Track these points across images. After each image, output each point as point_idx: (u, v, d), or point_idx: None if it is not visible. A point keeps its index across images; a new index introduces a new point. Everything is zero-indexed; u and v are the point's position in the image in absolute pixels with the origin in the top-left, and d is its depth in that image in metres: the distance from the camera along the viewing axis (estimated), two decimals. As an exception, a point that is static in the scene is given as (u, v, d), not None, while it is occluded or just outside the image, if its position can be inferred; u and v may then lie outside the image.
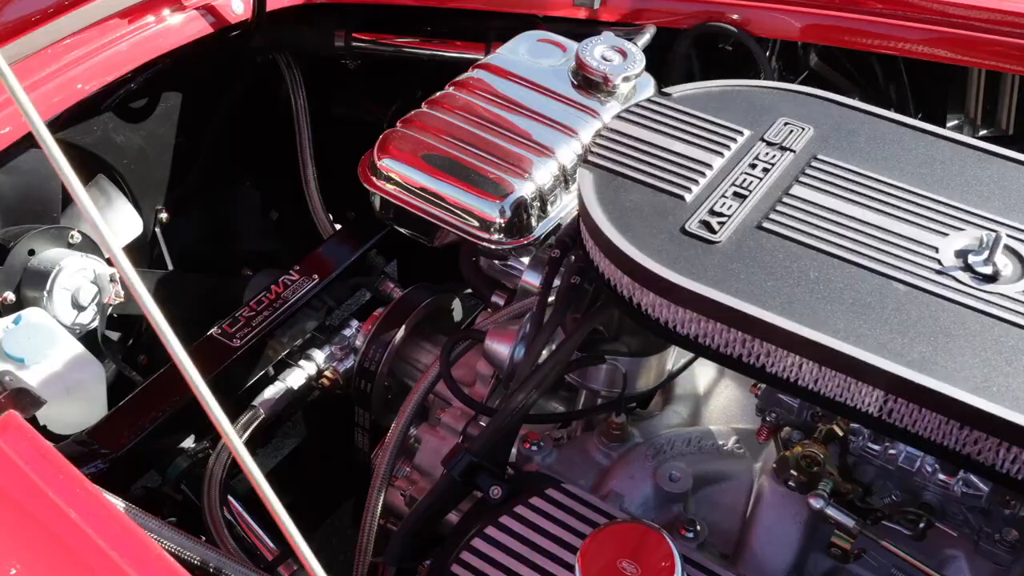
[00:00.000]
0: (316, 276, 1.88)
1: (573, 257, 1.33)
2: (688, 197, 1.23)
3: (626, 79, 1.55)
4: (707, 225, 1.19)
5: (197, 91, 2.09)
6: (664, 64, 1.89)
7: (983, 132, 2.26)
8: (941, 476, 1.21)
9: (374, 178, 1.48)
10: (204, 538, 1.57)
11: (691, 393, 1.50)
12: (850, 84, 2.18)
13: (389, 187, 1.48)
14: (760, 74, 1.85)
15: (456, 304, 1.77)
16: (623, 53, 1.57)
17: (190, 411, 1.70)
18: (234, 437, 0.97)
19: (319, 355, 1.81)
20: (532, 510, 1.24)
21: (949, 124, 2.30)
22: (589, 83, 1.57)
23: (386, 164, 1.47)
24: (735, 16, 1.88)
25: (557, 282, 1.35)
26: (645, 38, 1.73)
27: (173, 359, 0.98)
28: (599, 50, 1.57)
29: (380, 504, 1.47)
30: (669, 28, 1.89)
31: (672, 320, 1.17)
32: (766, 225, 1.19)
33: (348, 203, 2.02)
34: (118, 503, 1.31)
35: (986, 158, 1.30)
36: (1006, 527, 1.19)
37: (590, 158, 1.28)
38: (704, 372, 1.51)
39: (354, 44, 2.07)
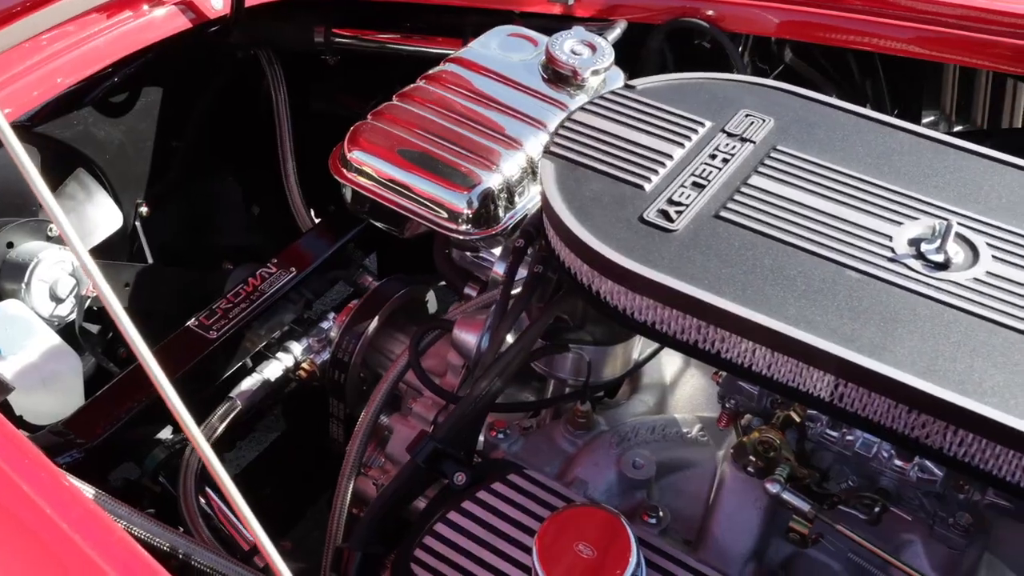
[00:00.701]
0: (293, 269, 1.90)
1: (538, 247, 1.34)
2: (647, 187, 1.25)
3: (595, 72, 1.57)
4: (665, 214, 1.21)
5: (178, 86, 2.11)
6: (638, 59, 1.91)
7: (957, 128, 2.28)
8: (897, 462, 1.22)
9: (344, 170, 1.50)
10: (182, 529, 1.59)
11: (658, 382, 1.52)
12: (825, 80, 2.19)
13: (359, 179, 1.50)
14: (733, 69, 1.87)
15: (431, 296, 1.79)
16: (592, 47, 1.59)
17: (162, 403, 1.72)
18: (190, 423, 0.99)
19: (297, 347, 1.83)
20: (494, 495, 1.25)
21: (925, 120, 2.32)
22: (559, 77, 1.59)
23: (356, 156, 1.49)
24: (709, 12, 1.91)
25: (525, 272, 1.37)
26: (615, 32, 1.75)
27: (134, 353, 1.00)
28: (569, 44, 1.59)
29: (350, 492, 1.49)
30: (643, 23, 1.91)
31: (630, 307, 1.19)
32: (723, 214, 1.21)
33: (328, 197, 2.03)
34: (88, 491, 1.33)
35: (943, 149, 1.32)
36: (960, 511, 1.21)
37: (552, 149, 1.29)
38: (671, 362, 1.53)
39: (333, 40, 2.09)
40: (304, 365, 1.84)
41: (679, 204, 1.22)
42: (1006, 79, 2.18)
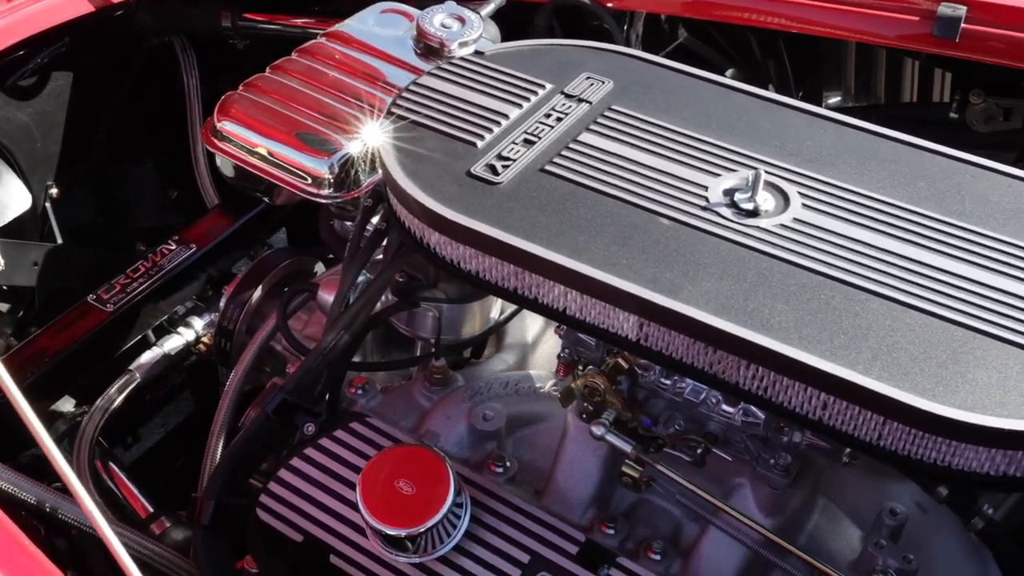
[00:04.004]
0: (194, 246, 1.95)
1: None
2: (480, 144, 1.29)
3: (463, 44, 1.62)
4: (492, 168, 1.26)
5: (91, 71, 2.16)
6: (528, 37, 1.95)
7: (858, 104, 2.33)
8: (724, 407, 1.27)
9: (215, 140, 1.55)
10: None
11: (520, 342, 1.57)
12: (725, 60, 2.24)
13: (229, 148, 1.55)
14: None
15: (319, 267, 1.84)
16: (462, 20, 1.65)
17: (57, 374, 1.78)
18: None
19: (198, 322, 1.88)
20: (336, 442, 1.30)
21: (830, 101, 2.37)
22: (429, 49, 1.64)
23: (225, 126, 1.54)
24: (600, -11, 1.95)
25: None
26: (490, 7, 1.80)
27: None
28: (439, 18, 1.64)
29: (219, 450, 1.53)
30: (530, 2, 1.96)
31: (456, 257, 1.23)
32: (548, 168, 1.26)
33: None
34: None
35: (771, 107, 1.37)
36: (781, 453, 1.25)
37: (393, 110, 1.34)
38: (534, 322, 1.58)
39: (241, 24, 2.14)
40: (204, 339, 1.89)
41: (507, 159, 1.27)
42: (903, 56, 2.23)
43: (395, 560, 1.20)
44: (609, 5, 1.94)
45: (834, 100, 2.37)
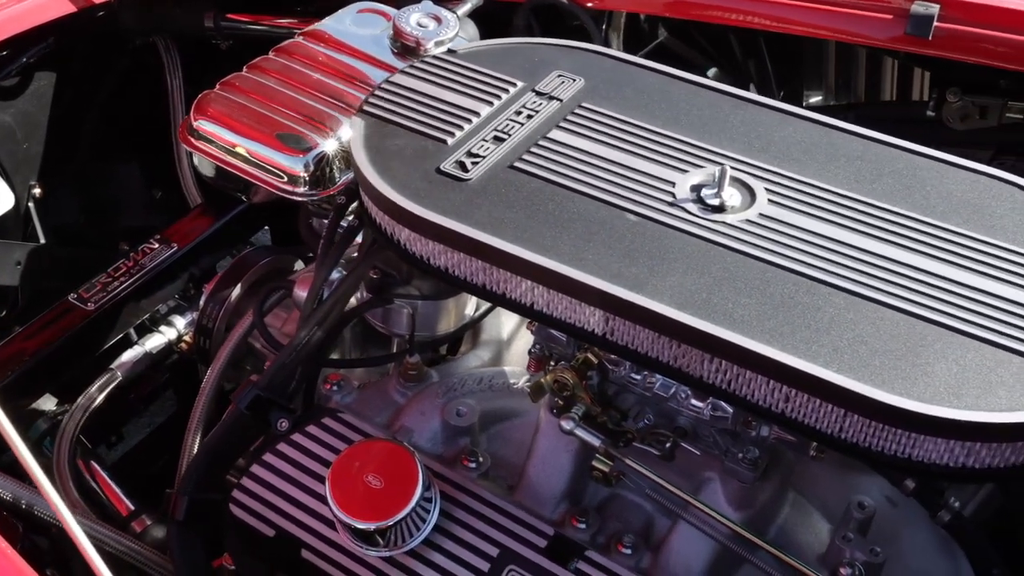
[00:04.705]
0: (175, 245, 1.97)
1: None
2: (450, 141, 1.30)
3: (439, 43, 1.63)
4: (461, 165, 1.27)
5: (75, 72, 2.17)
6: (507, 37, 1.97)
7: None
8: (694, 401, 1.28)
9: (192, 138, 1.56)
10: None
11: (495, 339, 1.58)
12: (705, 60, 2.25)
13: (205, 146, 1.55)
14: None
15: (299, 265, 1.85)
16: (438, 20, 1.66)
17: (38, 372, 1.79)
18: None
19: (180, 321, 1.89)
20: (308, 437, 1.31)
21: (811, 100, 2.38)
22: (406, 49, 1.65)
23: (202, 125, 1.55)
24: (579, -11, 1.96)
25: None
26: (467, 7, 1.81)
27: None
28: (415, 17, 1.65)
29: (196, 446, 1.54)
30: (510, 2, 1.97)
31: (425, 254, 1.24)
32: (517, 164, 1.27)
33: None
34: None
35: (742, 104, 1.38)
36: (749, 447, 1.26)
37: (365, 107, 1.36)
38: (509, 319, 1.59)
39: (224, 24, 2.15)
40: (186, 337, 1.90)
41: (477, 156, 1.28)
42: (883, 55, 2.24)
43: (365, 554, 1.21)
44: (589, 5, 1.95)
45: (815, 100, 2.39)
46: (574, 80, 1.40)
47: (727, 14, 1.96)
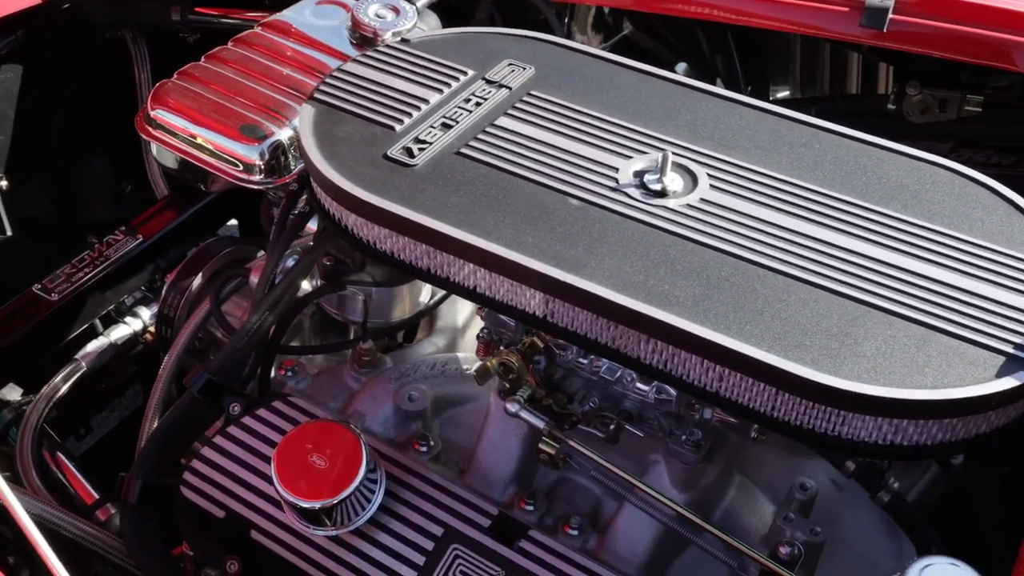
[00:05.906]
0: (141, 236, 1.98)
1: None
2: (398, 128, 1.32)
3: (397, 34, 1.65)
4: (408, 151, 1.28)
5: (42, 64, 2.18)
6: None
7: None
8: (639, 385, 1.30)
9: (149, 127, 1.58)
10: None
11: (450, 325, 1.59)
12: (671, 53, 2.27)
13: (162, 136, 1.57)
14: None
15: (261, 254, 1.86)
16: (396, 11, 1.67)
17: (4, 361, 1.80)
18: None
19: (145, 312, 1.90)
20: (258, 420, 1.33)
21: (778, 95, 2.40)
22: (364, 39, 1.67)
23: (158, 114, 1.56)
24: (541, -18, 1.99)
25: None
26: (427, -1, 1.83)
27: None
28: (373, 8, 1.67)
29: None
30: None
31: (372, 238, 1.26)
32: (463, 151, 1.29)
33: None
34: None
35: (689, 93, 1.40)
36: (692, 429, 1.28)
37: (315, 95, 1.37)
38: (464, 306, 1.61)
39: (191, 18, 2.16)
40: (151, 328, 1.91)
41: (424, 143, 1.30)
42: (847, 50, 2.27)
43: (312, 534, 1.22)
44: None
45: (782, 94, 2.41)
46: (524, 68, 1.42)
47: (688, 7, 1.98)
